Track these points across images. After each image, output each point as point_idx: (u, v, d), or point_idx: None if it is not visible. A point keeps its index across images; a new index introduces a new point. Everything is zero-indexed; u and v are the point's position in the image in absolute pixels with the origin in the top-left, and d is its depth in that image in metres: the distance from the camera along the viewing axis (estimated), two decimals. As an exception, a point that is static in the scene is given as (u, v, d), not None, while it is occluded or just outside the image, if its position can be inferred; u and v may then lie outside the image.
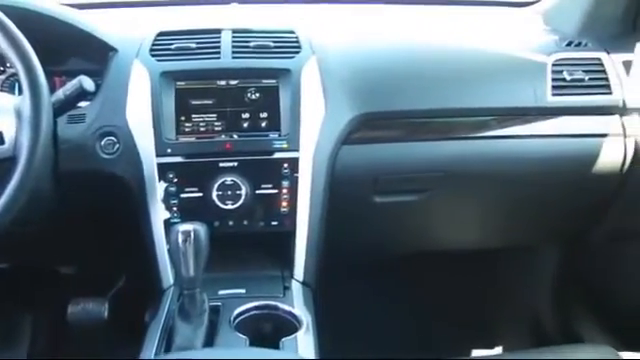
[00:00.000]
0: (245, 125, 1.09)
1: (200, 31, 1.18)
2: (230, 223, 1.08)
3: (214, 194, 1.05)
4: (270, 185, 1.07)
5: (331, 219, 1.13)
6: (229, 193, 1.05)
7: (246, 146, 1.08)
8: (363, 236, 1.34)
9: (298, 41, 1.17)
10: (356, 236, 1.33)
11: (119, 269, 1.51)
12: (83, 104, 1.07)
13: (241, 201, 1.05)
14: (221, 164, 1.07)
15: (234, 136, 1.09)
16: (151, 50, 1.13)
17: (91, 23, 1.15)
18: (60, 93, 0.99)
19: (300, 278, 1.08)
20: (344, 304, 1.44)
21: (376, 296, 1.64)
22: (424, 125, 1.21)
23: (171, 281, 1.06)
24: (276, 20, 1.32)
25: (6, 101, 0.93)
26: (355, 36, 1.29)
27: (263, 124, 1.09)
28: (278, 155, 1.07)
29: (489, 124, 1.22)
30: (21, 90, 0.89)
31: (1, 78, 1.17)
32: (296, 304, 0.99)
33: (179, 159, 1.06)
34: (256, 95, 1.09)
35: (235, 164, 1.07)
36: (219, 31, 1.18)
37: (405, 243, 1.41)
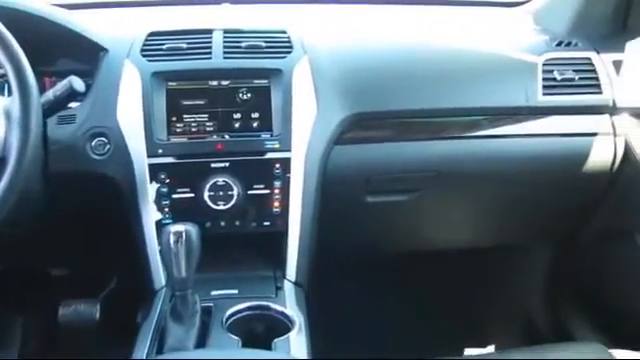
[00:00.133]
0: (237, 125, 1.09)
1: (191, 31, 1.18)
2: (222, 224, 1.07)
3: (206, 195, 1.05)
4: (262, 185, 1.07)
5: (323, 219, 1.13)
6: (221, 194, 1.05)
7: (238, 146, 1.08)
8: (355, 236, 1.34)
9: (290, 41, 1.17)
10: (348, 236, 1.33)
11: (110, 270, 1.51)
12: (73, 105, 1.07)
13: (233, 201, 1.05)
14: (213, 164, 1.06)
15: (226, 136, 1.08)
16: (142, 50, 1.12)
17: (81, 23, 1.14)
18: (50, 94, 0.98)
19: (292, 278, 1.08)
20: (336, 304, 1.44)
21: (368, 296, 1.64)
22: (416, 125, 1.22)
23: (163, 282, 1.06)
24: (268, 20, 1.32)
25: None
26: (347, 36, 1.29)
27: (255, 124, 1.09)
28: (270, 155, 1.07)
29: (480, 124, 1.22)
30: (10, 91, 0.89)
31: (-10, 79, 1.16)
32: (288, 304, 0.99)
33: (170, 160, 1.06)
34: (248, 95, 1.09)
35: (227, 164, 1.06)
36: (210, 31, 1.17)
37: (397, 243, 1.41)
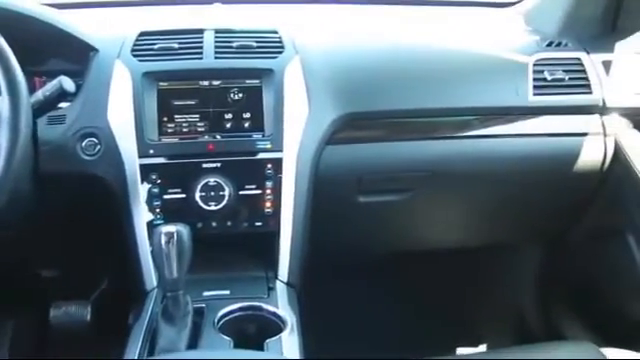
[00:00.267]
0: (228, 125, 1.08)
1: (182, 31, 1.17)
2: (213, 224, 1.07)
3: (197, 195, 1.05)
4: (254, 186, 1.07)
5: (315, 219, 1.13)
6: (212, 194, 1.05)
7: (229, 147, 1.07)
8: (347, 236, 1.34)
9: (281, 41, 1.16)
10: (340, 236, 1.33)
11: (101, 272, 1.50)
12: (63, 105, 1.06)
13: (224, 202, 1.05)
14: (204, 165, 1.06)
15: (217, 137, 1.08)
16: (133, 50, 1.12)
17: (72, 23, 1.14)
18: (39, 94, 0.97)
19: (284, 279, 1.08)
20: (328, 304, 1.44)
21: (360, 296, 1.64)
22: (407, 125, 1.22)
23: (154, 283, 1.05)
24: (259, 20, 1.32)
25: None
26: (338, 36, 1.29)
27: (246, 124, 1.09)
28: (261, 155, 1.07)
29: (471, 124, 1.23)
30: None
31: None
32: (280, 305, 0.99)
33: (162, 160, 1.05)
34: (239, 95, 1.09)
35: (218, 165, 1.06)
36: (202, 31, 1.17)
37: (389, 242, 1.42)
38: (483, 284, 1.69)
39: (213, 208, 1.05)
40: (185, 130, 1.08)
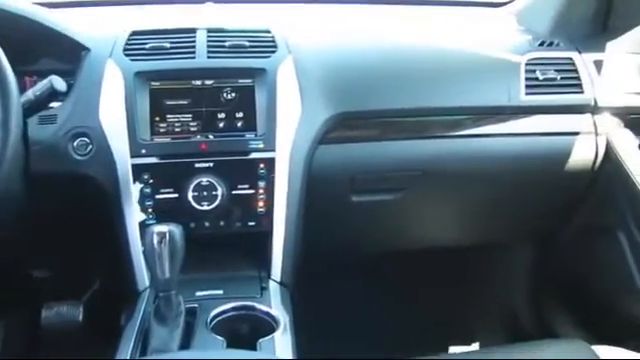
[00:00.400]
0: (221, 125, 1.08)
1: (175, 30, 1.17)
2: (206, 224, 1.07)
3: (190, 195, 1.04)
4: (246, 185, 1.07)
5: (308, 219, 1.13)
6: (205, 194, 1.04)
7: (222, 146, 1.07)
8: (340, 235, 1.34)
9: (274, 40, 1.16)
10: (333, 235, 1.33)
11: (93, 272, 1.49)
12: (55, 104, 1.05)
13: (217, 202, 1.04)
14: (197, 165, 1.06)
15: (210, 136, 1.08)
16: (125, 50, 1.12)
17: (63, 22, 1.13)
18: (30, 93, 0.97)
19: (277, 278, 1.08)
20: (321, 304, 1.44)
21: (354, 295, 1.64)
22: (400, 124, 1.22)
23: (147, 283, 1.05)
24: (252, 19, 1.31)
25: None
26: (331, 36, 1.29)
27: (239, 124, 1.08)
28: (254, 155, 1.07)
29: (464, 123, 1.23)
30: (-10, 91, 0.87)
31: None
32: (273, 304, 0.99)
33: (154, 160, 1.05)
34: (232, 95, 1.09)
35: (211, 164, 1.06)
36: (194, 30, 1.17)
37: (382, 242, 1.42)
38: (475, 283, 1.70)
39: (206, 208, 1.04)
40: (177, 130, 1.07)
